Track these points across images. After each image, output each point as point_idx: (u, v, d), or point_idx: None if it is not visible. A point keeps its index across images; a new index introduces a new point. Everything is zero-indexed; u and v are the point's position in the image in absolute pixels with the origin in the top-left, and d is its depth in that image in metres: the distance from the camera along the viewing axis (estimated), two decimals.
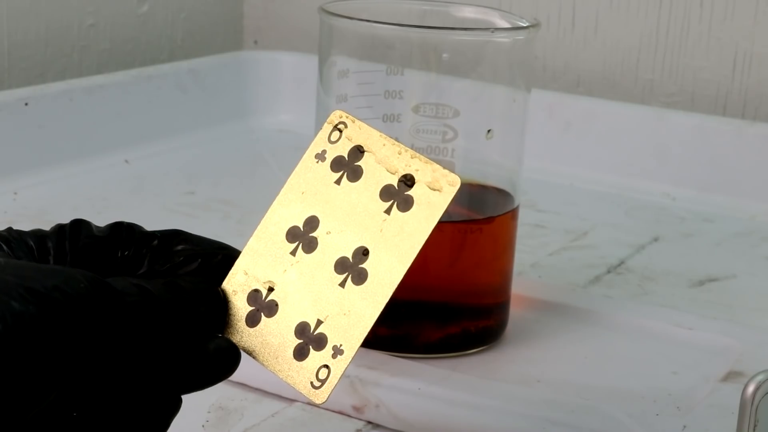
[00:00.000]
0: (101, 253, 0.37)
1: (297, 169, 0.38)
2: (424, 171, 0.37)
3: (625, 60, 0.96)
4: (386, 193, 0.37)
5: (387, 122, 0.55)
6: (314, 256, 0.37)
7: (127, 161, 0.85)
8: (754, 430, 0.37)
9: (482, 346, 0.56)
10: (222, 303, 0.37)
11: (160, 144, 0.88)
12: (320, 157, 0.38)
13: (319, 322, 0.36)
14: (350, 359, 0.36)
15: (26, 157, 0.80)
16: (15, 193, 0.76)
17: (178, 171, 0.85)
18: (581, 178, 0.86)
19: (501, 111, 0.56)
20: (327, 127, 0.38)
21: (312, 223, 0.37)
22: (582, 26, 0.97)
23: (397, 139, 0.38)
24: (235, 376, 0.52)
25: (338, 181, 0.38)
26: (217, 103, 0.95)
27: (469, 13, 0.58)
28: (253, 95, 0.98)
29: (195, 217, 0.74)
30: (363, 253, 0.36)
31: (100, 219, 0.73)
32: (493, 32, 0.54)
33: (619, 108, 0.89)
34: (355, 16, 0.53)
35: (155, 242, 0.38)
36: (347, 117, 0.38)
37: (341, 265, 0.37)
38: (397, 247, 0.36)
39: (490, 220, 0.56)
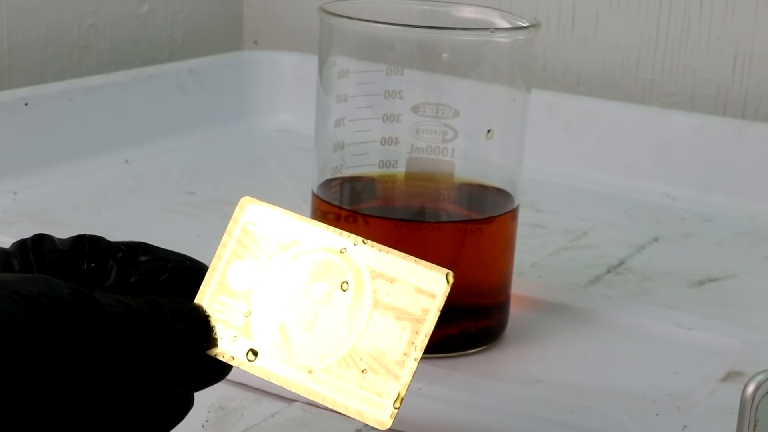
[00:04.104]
0: (66, 266, 0.37)
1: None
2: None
3: (625, 60, 0.96)
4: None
5: (387, 122, 0.55)
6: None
7: (127, 161, 0.85)
8: (754, 430, 0.37)
9: (482, 346, 0.56)
10: (204, 321, 0.37)
11: (160, 144, 0.88)
12: None
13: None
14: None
15: (26, 157, 0.80)
16: (15, 193, 0.76)
17: (178, 171, 0.85)
18: (581, 178, 0.86)
19: (501, 111, 0.56)
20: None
21: None
22: (582, 26, 0.97)
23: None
24: (235, 376, 0.52)
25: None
26: (217, 103, 0.95)
27: (469, 13, 0.58)
28: (253, 95, 0.98)
29: (195, 217, 0.74)
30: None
31: (100, 219, 0.73)
32: (493, 32, 0.54)
33: (619, 108, 0.89)
34: (355, 16, 0.53)
35: (120, 255, 0.38)
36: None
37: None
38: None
39: (490, 220, 0.56)
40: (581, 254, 0.71)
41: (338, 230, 0.37)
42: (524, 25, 0.55)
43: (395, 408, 0.35)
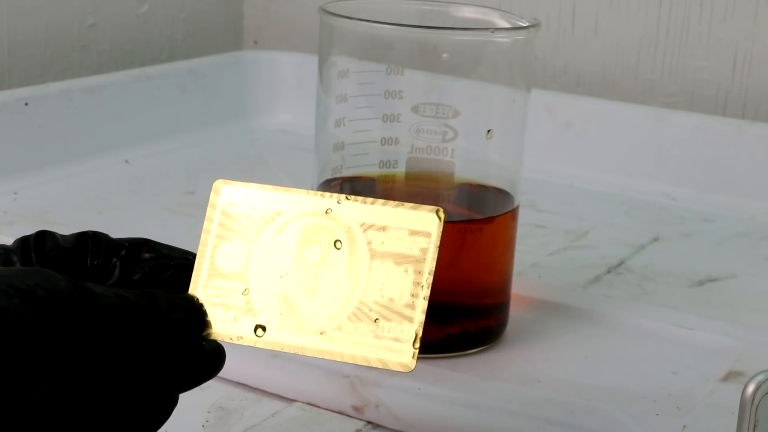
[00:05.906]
0: (69, 263, 0.37)
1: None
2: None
3: (625, 60, 0.96)
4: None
5: (387, 122, 0.55)
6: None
7: (127, 161, 0.85)
8: (754, 430, 0.37)
9: (482, 346, 0.56)
10: (198, 310, 0.37)
11: (160, 144, 0.88)
12: None
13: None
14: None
15: (26, 157, 0.80)
16: (15, 193, 0.76)
17: (178, 171, 0.85)
18: (581, 178, 0.86)
19: (501, 111, 0.56)
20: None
21: None
22: (582, 26, 0.97)
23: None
24: (235, 376, 0.52)
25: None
26: (217, 103, 0.95)
27: (469, 13, 0.58)
28: (253, 95, 0.98)
29: (195, 217, 0.74)
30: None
31: (100, 219, 0.73)
32: (493, 32, 0.54)
33: (619, 108, 0.89)
34: (355, 16, 0.53)
35: (124, 252, 0.38)
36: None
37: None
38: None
39: (490, 220, 0.56)
40: (581, 254, 0.71)
41: (319, 192, 0.37)
42: (524, 25, 0.55)
43: (415, 348, 0.35)
